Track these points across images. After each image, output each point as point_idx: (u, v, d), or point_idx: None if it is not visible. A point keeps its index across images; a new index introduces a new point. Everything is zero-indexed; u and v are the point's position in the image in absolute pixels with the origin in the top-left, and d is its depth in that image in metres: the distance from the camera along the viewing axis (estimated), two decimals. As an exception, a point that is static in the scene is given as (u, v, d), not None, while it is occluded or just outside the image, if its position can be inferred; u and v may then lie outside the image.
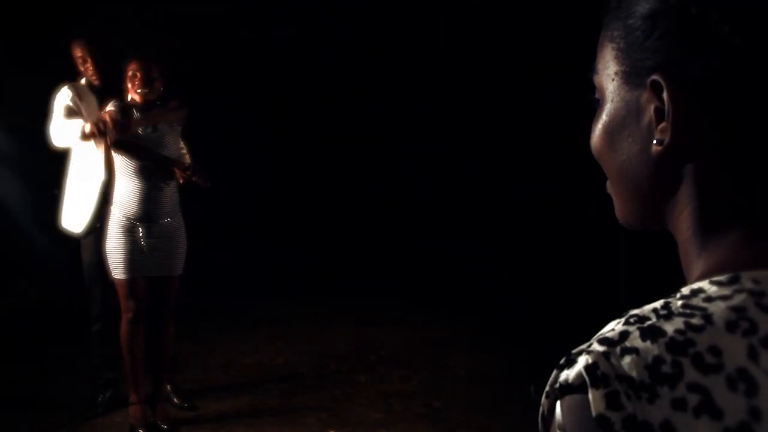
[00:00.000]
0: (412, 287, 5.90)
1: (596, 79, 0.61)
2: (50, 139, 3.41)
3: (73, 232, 3.54)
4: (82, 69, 3.59)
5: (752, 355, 0.46)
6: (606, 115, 0.59)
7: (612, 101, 0.58)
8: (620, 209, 0.62)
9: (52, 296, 5.44)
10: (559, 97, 5.92)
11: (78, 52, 3.58)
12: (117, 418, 3.56)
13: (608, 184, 0.63)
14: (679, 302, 0.50)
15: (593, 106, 0.62)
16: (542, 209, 6.23)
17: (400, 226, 6.68)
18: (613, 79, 0.58)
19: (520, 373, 3.88)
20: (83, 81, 3.60)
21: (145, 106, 3.35)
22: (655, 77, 0.53)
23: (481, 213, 6.54)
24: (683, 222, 0.55)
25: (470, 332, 4.93)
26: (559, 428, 0.49)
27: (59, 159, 3.58)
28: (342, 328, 5.13)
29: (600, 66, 0.60)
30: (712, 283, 0.50)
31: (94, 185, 3.44)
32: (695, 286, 0.51)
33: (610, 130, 0.59)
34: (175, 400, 3.67)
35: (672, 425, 0.45)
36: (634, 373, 0.47)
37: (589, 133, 0.61)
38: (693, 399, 0.45)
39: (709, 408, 0.45)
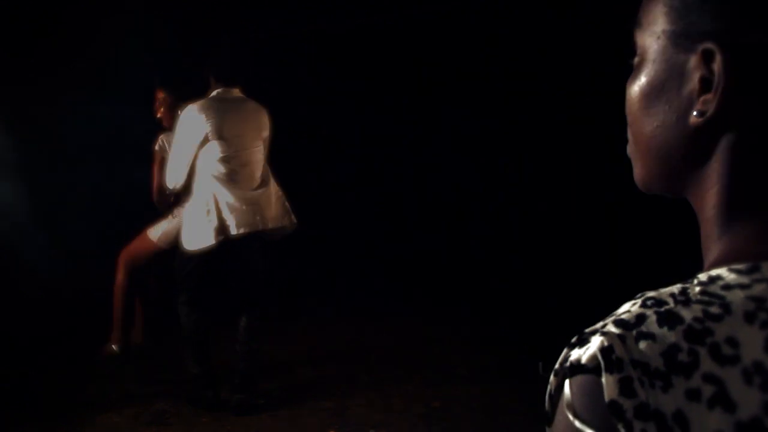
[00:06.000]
0: (412, 287, 5.90)
1: (638, 34, 0.57)
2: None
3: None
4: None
5: None
6: (645, 76, 0.56)
7: (654, 61, 0.55)
8: (642, 174, 0.60)
9: (52, 298, 5.43)
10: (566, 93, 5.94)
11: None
12: (116, 418, 3.56)
13: (629, 147, 0.61)
14: (697, 288, 0.49)
15: (628, 63, 0.59)
16: (542, 207, 6.23)
17: (400, 225, 6.68)
18: (659, 37, 0.54)
19: (521, 372, 3.88)
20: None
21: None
22: (708, 45, 0.50)
23: (480, 211, 6.54)
24: (709, 200, 0.54)
25: (470, 332, 4.93)
26: (568, 407, 0.48)
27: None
28: (342, 328, 5.13)
29: (645, 20, 0.56)
30: (731, 270, 0.49)
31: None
32: (713, 272, 0.50)
33: (647, 93, 0.56)
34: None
35: (684, 416, 0.44)
36: (649, 360, 0.46)
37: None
38: (707, 390, 0.44)
39: (723, 400, 0.44)
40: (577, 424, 0.47)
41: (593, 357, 0.47)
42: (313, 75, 6.67)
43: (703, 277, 0.50)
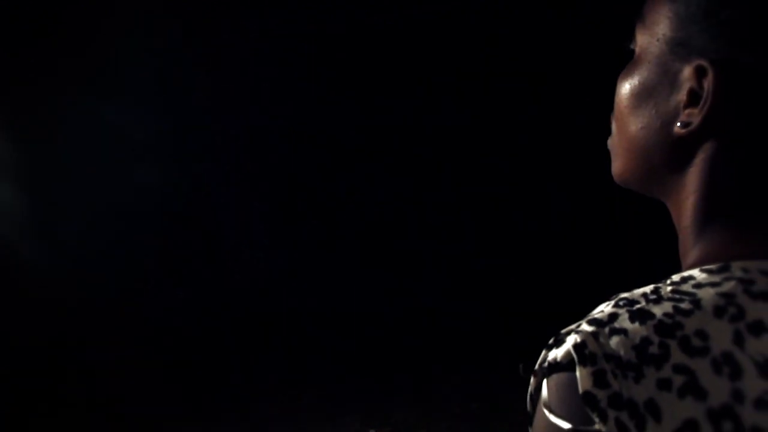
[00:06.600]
0: (414, 287, 5.90)
1: (639, 28, 0.58)
2: None
3: None
4: None
5: (738, 340, 0.46)
6: (638, 77, 0.57)
7: (649, 63, 0.56)
8: (620, 169, 0.61)
9: (52, 299, 5.44)
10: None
11: None
12: (117, 420, 3.56)
13: (611, 140, 0.62)
14: (669, 287, 0.51)
15: (625, 53, 0.60)
16: (543, 207, 6.23)
17: (400, 226, 6.68)
18: (658, 40, 0.56)
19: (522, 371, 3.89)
20: None
21: None
22: (703, 62, 0.52)
23: (480, 210, 6.55)
24: (686, 210, 0.56)
25: (472, 331, 4.93)
26: (545, 405, 0.49)
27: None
28: (343, 328, 5.13)
29: (648, 18, 0.57)
30: (703, 270, 0.51)
31: None
32: (685, 273, 0.52)
33: (637, 93, 0.57)
34: None
35: (656, 404, 0.45)
36: (621, 353, 0.47)
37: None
38: (678, 380, 0.46)
39: (693, 389, 0.45)
40: (552, 418, 0.48)
41: (567, 353, 0.49)
42: (313, 75, 6.68)
43: (675, 277, 0.52)
